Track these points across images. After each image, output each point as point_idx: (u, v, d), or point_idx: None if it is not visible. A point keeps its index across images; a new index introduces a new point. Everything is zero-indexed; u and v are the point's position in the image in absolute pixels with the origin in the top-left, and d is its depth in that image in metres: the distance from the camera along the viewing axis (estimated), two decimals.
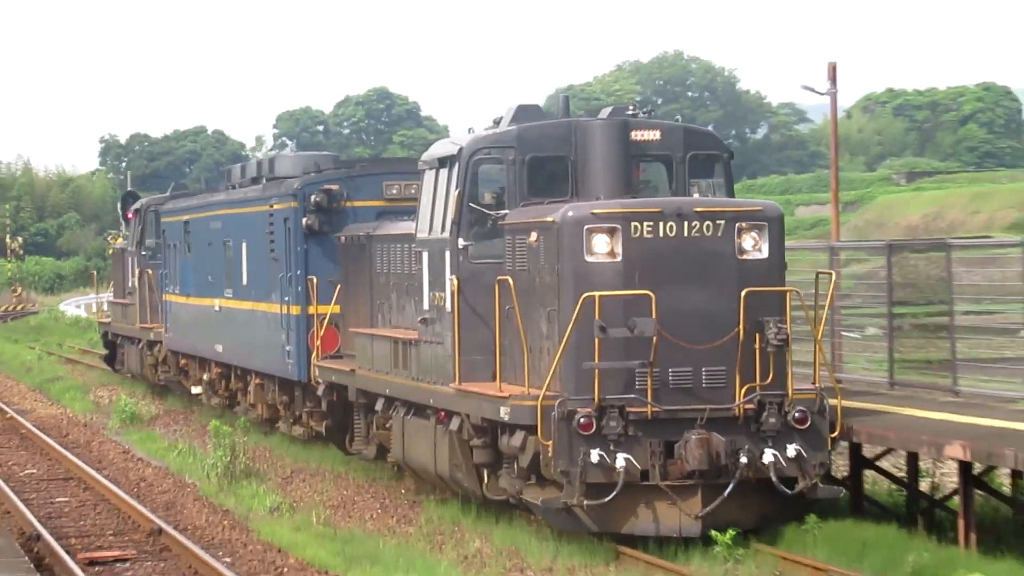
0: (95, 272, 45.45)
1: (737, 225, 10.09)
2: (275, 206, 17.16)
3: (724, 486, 9.67)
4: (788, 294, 10.43)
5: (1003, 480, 11.33)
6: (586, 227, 9.88)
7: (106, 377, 31.64)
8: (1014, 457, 8.92)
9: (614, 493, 9.47)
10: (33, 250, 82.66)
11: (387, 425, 13.81)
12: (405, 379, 12.86)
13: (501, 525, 11.84)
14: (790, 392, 10.06)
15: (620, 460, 9.50)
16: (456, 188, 11.32)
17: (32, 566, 9.65)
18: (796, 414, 9.88)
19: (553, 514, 9.99)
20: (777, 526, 10.18)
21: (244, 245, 18.93)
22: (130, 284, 27.00)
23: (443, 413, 11.87)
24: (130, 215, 28.46)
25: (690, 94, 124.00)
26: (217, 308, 20.26)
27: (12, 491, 14.36)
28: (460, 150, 11.45)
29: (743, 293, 9.77)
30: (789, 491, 9.84)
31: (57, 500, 14.98)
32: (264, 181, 18.70)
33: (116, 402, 24.31)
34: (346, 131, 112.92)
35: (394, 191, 15.91)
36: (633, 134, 11.33)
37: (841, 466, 12.29)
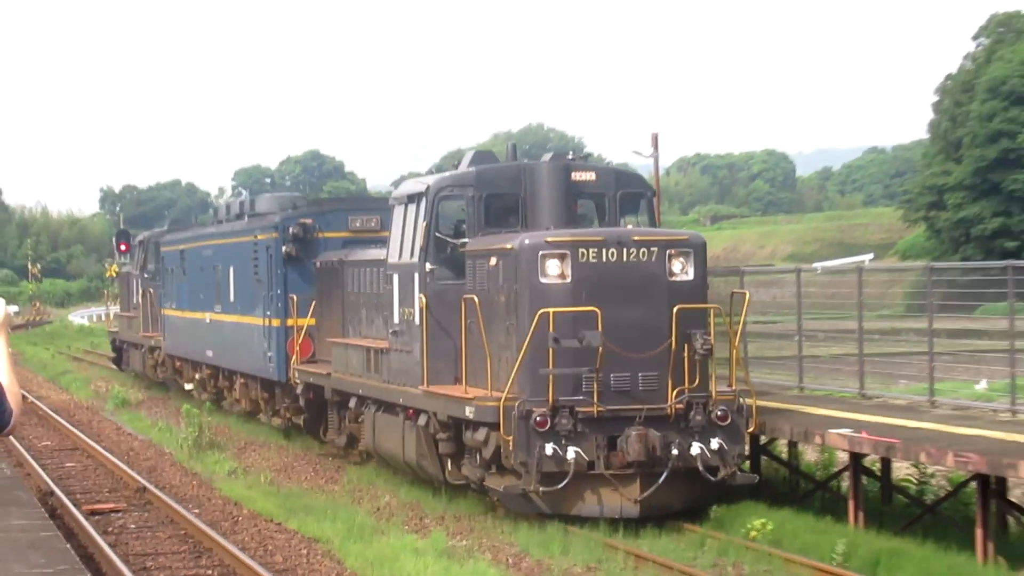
0: (106, 291, 51.98)
1: (668, 251, 11.21)
2: (259, 237, 19.11)
3: (659, 475, 10.73)
4: (712, 310, 11.70)
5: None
6: (540, 253, 10.99)
7: (105, 372, 36.17)
8: (789, 431, 11.94)
9: (566, 481, 10.51)
10: (48, 274, 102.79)
11: (359, 420, 15.10)
12: (377, 382, 14.08)
13: (405, 486, 14.09)
14: (713, 394, 11.20)
15: (571, 452, 10.50)
16: (424, 220, 12.44)
17: (47, 516, 11.79)
18: (719, 412, 10.99)
19: (512, 499, 11.01)
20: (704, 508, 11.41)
21: (232, 269, 20.99)
22: (134, 300, 30.54)
23: (411, 411, 13.02)
24: (123, 248, 34.34)
25: None
26: (208, 320, 22.48)
27: (32, 458, 17.03)
28: (427, 188, 12.60)
29: (675, 309, 10.88)
30: (713, 478, 10.91)
31: (66, 465, 17.52)
32: (247, 217, 21.01)
33: (111, 391, 27.98)
34: (288, 183, 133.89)
35: (357, 224, 17.89)
36: (573, 175, 12.54)
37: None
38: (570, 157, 13.32)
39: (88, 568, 9.19)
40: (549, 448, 10.44)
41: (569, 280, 10.94)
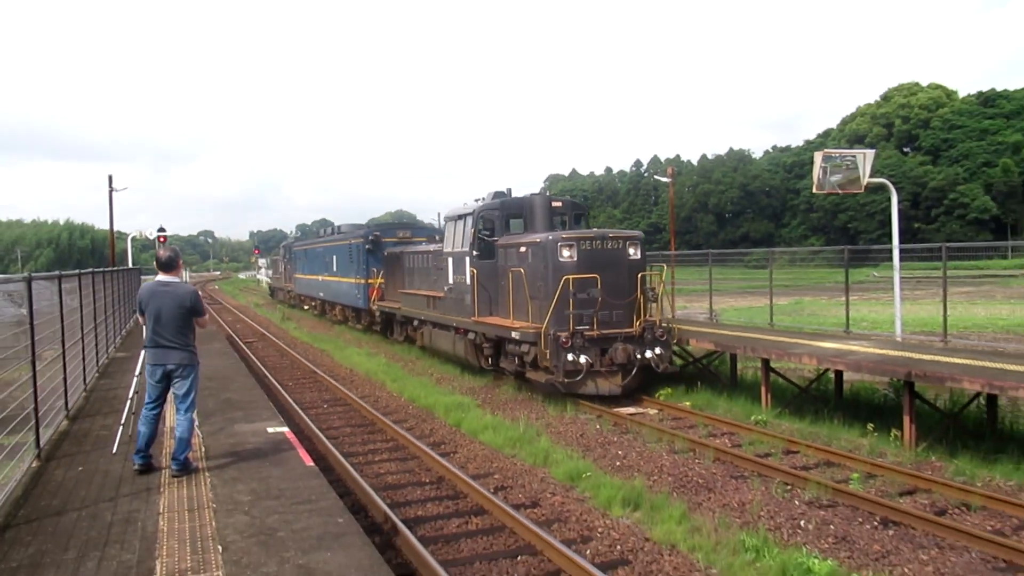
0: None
1: (627, 242, 16.36)
2: (352, 241, 31.73)
3: (631, 370, 15.71)
4: (659, 274, 17.48)
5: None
6: (559, 243, 16.02)
7: (277, 305, 54.85)
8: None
9: (580, 376, 15.23)
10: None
11: (419, 331, 23.64)
12: (436, 313, 21.30)
13: (397, 345, 26.76)
14: (657, 322, 16.28)
15: (582, 358, 15.24)
16: (472, 228, 18.53)
17: (228, 343, 24.24)
18: (659, 332, 16.00)
19: (544, 384, 15.85)
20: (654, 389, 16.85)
21: (335, 257, 35.09)
22: (280, 270, 56.27)
23: (462, 330, 19.37)
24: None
25: None
26: (320, 279, 38.87)
27: (226, 325, 32.82)
28: (474, 211, 18.75)
29: (638, 275, 16.30)
30: (658, 370, 15.89)
31: (237, 327, 35.02)
32: (336, 234, 36.39)
33: (277, 311, 47.52)
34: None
35: (399, 235, 30.65)
36: (552, 203, 18.78)
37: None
38: (549, 195, 19.40)
39: (237, 352, 23.04)
40: (569, 356, 15.21)
41: (576, 259, 15.92)
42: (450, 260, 19.97)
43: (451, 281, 19.86)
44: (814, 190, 17.90)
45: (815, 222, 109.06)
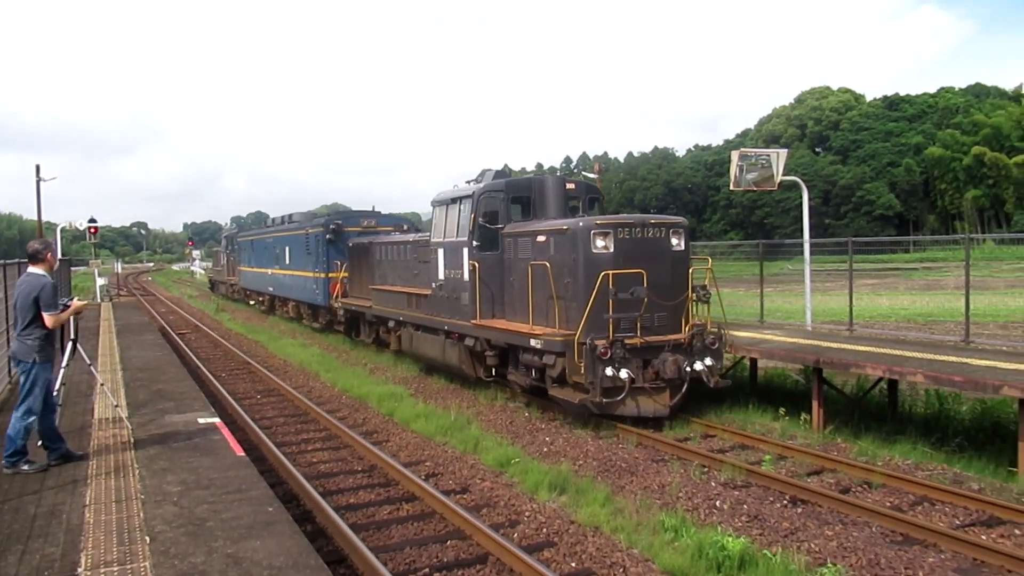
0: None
1: (670, 230, 13.23)
2: (310, 231, 27.94)
3: (680, 385, 12.67)
4: (710, 268, 13.95)
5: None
6: (592, 231, 12.74)
7: (211, 296, 53.39)
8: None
9: (623, 395, 12.10)
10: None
11: (396, 334, 19.78)
12: (420, 313, 17.59)
13: (331, 336, 26.69)
14: (708, 327, 13.29)
15: (623, 373, 12.08)
16: (472, 213, 15.06)
17: (162, 335, 24.25)
18: (709, 339, 13.01)
19: (577, 406, 12.47)
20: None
21: (287, 248, 30.96)
22: (222, 263, 50.07)
23: (456, 334, 15.91)
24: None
25: None
26: (270, 273, 34.56)
27: (158, 316, 34.72)
28: (474, 192, 15.20)
29: (689, 270, 13.35)
30: (711, 386, 12.92)
31: (170, 319, 33.83)
32: (288, 223, 32.32)
33: (212, 303, 45.76)
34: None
35: (363, 224, 26.71)
36: (566, 185, 15.62)
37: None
38: (561, 175, 16.36)
39: (170, 343, 22.67)
40: (609, 371, 12.06)
41: (612, 250, 12.73)
42: (440, 252, 16.50)
43: (441, 276, 16.43)
44: (732, 187, 18.29)
45: (734, 218, 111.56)
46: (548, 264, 13.10)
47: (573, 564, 7.55)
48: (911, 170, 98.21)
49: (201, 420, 10.40)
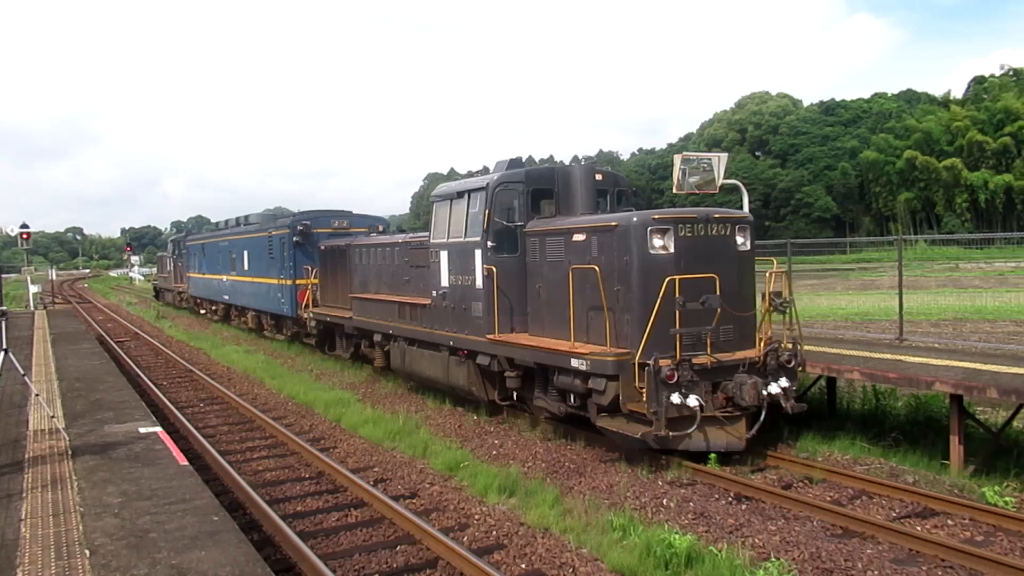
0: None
1: (736, 227, 11.26)
2: (273, 233, 25.08)
3: (757, 413, 10.69)
4: (784, 272, 12.01)
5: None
6: (649, 228, 10.68)
7: (151, 303, 50.56)
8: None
9: (695, 427, 10.07)
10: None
11: (385, 349, 17.23)
12: (416, 327, 15.28)
13: (276, 342, 25.98)
14: (785, 342, 11.36)
15: (692, 400, 10.05)
16: (486, 208, 12.87)
17: (99, 343, 23.27)
18: (785, 357, 11.06)
19: (637, 441, 10.38)
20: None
21: (246, 253, 27.98)
22: (168, 269, 46.52)
23: (464, 351, 13.72)
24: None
25: None
26: (225, 280, 31.39)
27: (96, 324, 33.82)
28: (487, 184, 13.00)
29: (768, 273, 11.41)
30: (790, 412, 10.95)
31: (107, 326, 32.94)
32: (245, 224, 29.64)
33: (151, 310, 44.00)
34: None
35: (335, 224, 24.05)
36: (596, 175, 13.26)
37: None
38: (590, 165, 13.99)
39: (108, 352, 21.86)
40: (676, 398, 10.07)
41: (673, 251, 10.72)
42: (444, 255, 14.20)
43: (445, 284, 14.13)
44: (675, 190, 18.50)
45: None
46: (596, 268, 10.97)
47: (523, 566, 7.58)
48: (847, 173, 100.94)
49: (142, 429, 10.16)
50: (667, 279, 10.32)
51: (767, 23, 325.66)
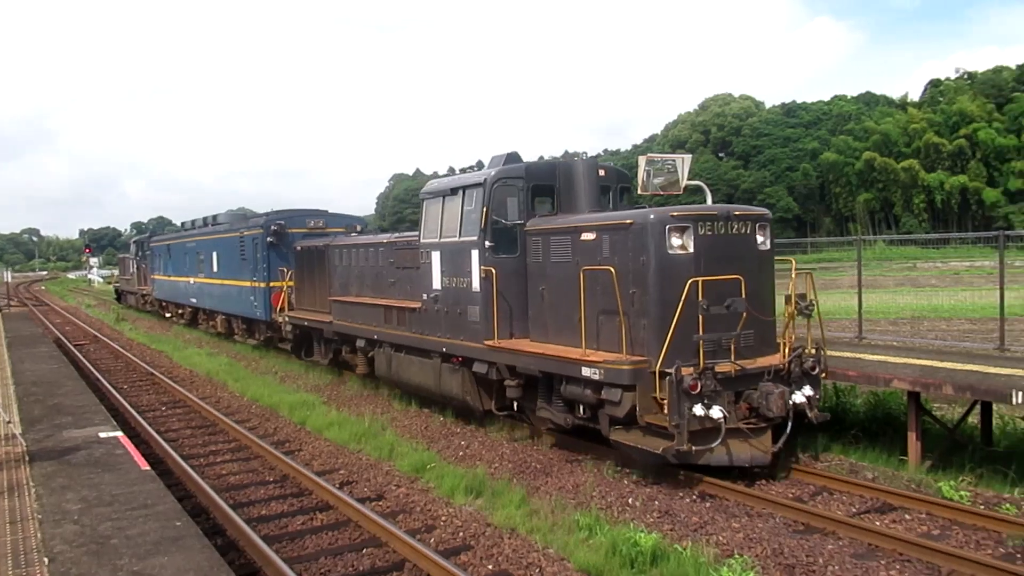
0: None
1: (756, 224, 10.61)
2: (245, 233, 24.04)
3: (784, 425, 10.07)
4: (809, 273, 11.09)
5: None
6: (667, 226, 9.96)
7: (111, 305, 49.56)
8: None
9: (719, 440, 9.44)
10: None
11: (370, 355, 16.37)
12: (403, 332, 14.47)
13: (239, 344, 25.76)
14: (809, 348, 10.71)
15: (716, 411, 9.42)
16: (483, 205, 12.14)
17: (57, 346, 23.65)
18: (809, 364, 10.44)
19: (658, 456, 9.67)
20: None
21: (215, 254, 26.87)
22: (131, 271, 44.84)
23: (459, 358, 12.99)
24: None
25: None
26: (191, 282, 30.15)
27: (54, 328, 32.39)
28: (485, 180, 12.25)
29: (795, 274, 10.50)
30: (815, 421, 10.34)
31: (66, 329, 32.48)
32: (213, 224, 28.44)
33: (111, 312, 42.83)
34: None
35: (311, 224, 23.00)
36: (599, 171, 12.62)
37: None
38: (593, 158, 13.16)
39: (67, 355, 21.55)
40: (699, 409, 9.37)
41: (693, 251, 9.99)
42: (436, 256, 13.44)
43: (437, 286, 13.40)
44: (640, 191, 18.55)
45: None
46: (612, 269, 10.19)
47: (490, 567, 7.60)
48: (808, 174, 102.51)
49: (102, 434, 9.99)
50: (689, 281, 9.65)
51: (731, 25, 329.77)
